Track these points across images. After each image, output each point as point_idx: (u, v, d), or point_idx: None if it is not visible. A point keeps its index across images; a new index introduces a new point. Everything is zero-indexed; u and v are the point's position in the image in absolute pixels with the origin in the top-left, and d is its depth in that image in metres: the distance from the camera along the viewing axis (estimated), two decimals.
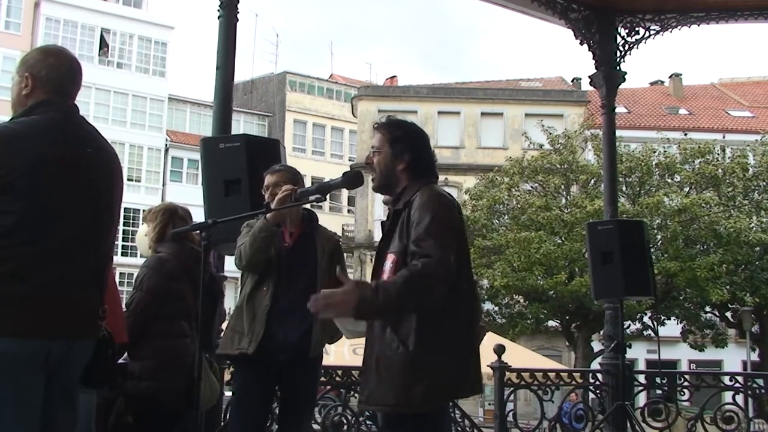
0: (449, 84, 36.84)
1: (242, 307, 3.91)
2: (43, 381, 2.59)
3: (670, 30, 7.38)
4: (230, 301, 17.68)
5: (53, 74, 2.77)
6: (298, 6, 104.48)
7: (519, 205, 23.73)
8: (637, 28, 7.38)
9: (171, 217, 4.21)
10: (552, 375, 6.84)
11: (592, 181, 23.74)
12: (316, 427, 5.38)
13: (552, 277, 21.67)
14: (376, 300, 2.63)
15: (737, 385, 7.17)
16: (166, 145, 37.14)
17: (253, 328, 3.82)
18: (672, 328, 24.10)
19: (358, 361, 3.29)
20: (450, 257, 2.72)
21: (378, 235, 3.16)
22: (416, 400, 2.74)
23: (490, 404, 22.13)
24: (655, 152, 23.68)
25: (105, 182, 2.81)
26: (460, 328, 2.84)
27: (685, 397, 7.17)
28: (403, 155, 2.98)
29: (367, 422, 5.87)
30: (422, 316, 2.76)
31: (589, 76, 7.51)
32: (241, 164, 4.53)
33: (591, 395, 7.51)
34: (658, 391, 7.53)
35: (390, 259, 2.87)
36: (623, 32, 7.38)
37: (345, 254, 4.46)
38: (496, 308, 23.74)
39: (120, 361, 3.80)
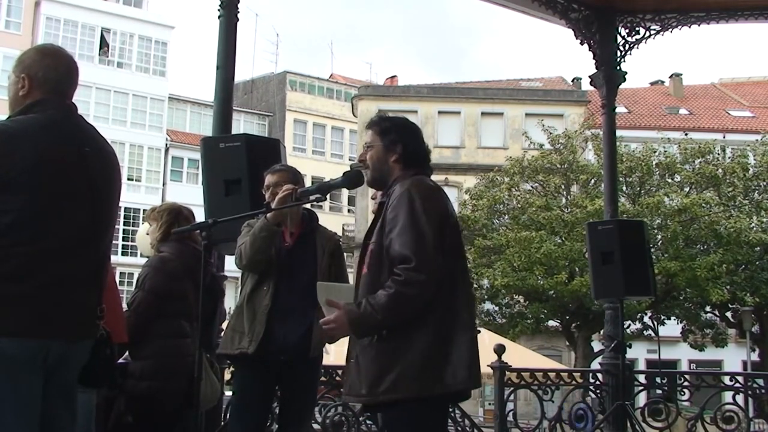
0: (449, 84, 36.83)
1: (242, 306, 3.91)
2: (42, 381, 2.59)
3: (670, 30, 7.39)
4: (230, 301, 17.68)
5: (50, 75, 2.76)
6: (298, 6, 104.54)
7: (519, 205, 23.72)
8: (637, 28, 7.38)
9: (176, 217, 4.21)
10: (552, 375, 6.84)
11: (593, 181, 23.73)
12: (316, 427, 5.38)
13: (552, 277, 21.67)
14: (363, 321, 2.73)
15: (737, 385, 7.17)
16: (166, 144, 37.14)
17: (254, 328, 3.82)
18: (672, 328, 24.09)
19: None
20: (432, 254, 2.72)
21: None
22: (384, 390, 2.73)
23: (490, 404, 22.14)
24: (655, 152, 23.67)
25: (104, 181, 2.81)
26: (438, 323, 2.76)
27: (685, 397, 7.17)
28: (395, 147, 2.99)
29: (367, 422, 5.87)
30: None
31: (590, 76, 7.51)
32: (241, 164, 4.53)
33: (591, 395, 7.50)
34: (658, 391, 7.53)
35: (369, 248, 2.89)
36: (623, 32, 7.39)
37: (345, 254, 4.46)
38: (496, 308, 23.74)
39: (121, 360, 3.81)
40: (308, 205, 3.90)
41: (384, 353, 2.75)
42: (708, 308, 23.82)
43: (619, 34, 7.38)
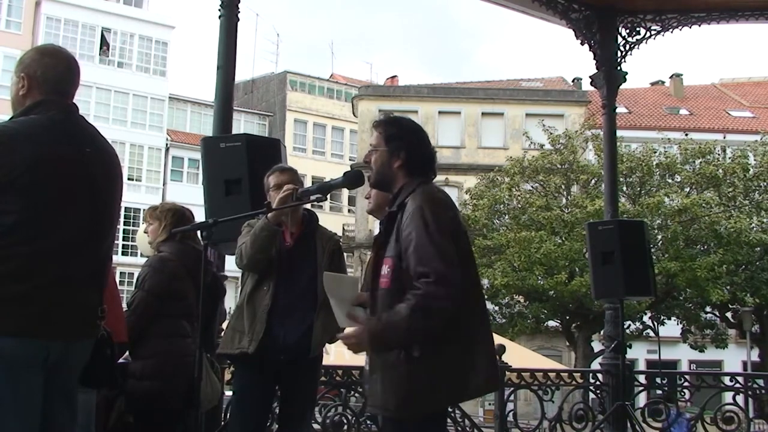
0: (450, 84, 36.81)
1: (243, 306, 3.92)
2: (42, 381, 2.59)
3: (670, 30, 7.39)
4: (230, 300, 17.67)
5: (50, 74, 2.76)
6: (299, 7, 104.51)
7: (519, 205, 23.72)
8: (637, 29, 7.38)
9: (180, 218, 4.21)
10: (552, 375, 6.84)
11: (593, 181, 23.73)
12: (316, 427, 5.37)
13: (552, 277, 21.68)
14: (385, 336, 2.73)
15: (737, 385, 7.17)
16: (166, 144, 37.14)
17: (254, 328, 3.82)
18: (672, 328, 24.09)
19: (358, 361, 3.30)
20: (450, 266, 2.71)
21: None
22: (417, 407, 2.75)
23: (490, 404, 22.12)
24: (655, 152, 23.68)
25: (105, 182, 2.81)
26: (463, 332, 2.79)
27: (686, 398, 7.17)
28: (399, 152, 2.97)
29: (368, 422, 5.87)
30: None
31: (590, 76, 7.51)
32: (241, 164, 4.54)
33: (591, 395, 7.50)
34: (659, 391, 7.53)
35: (387, 263, 2.87)
36: (624, 32, 7.39)
37: (345, 254, 4.47)
38: (496, 308, 23.74)
39: (121, 360, 3.81)
40: (308, 205, 3.91)
41: (412, 370, 2.74)
42: (708, 308, 23.82)
43: (620, 34, 7.38)
